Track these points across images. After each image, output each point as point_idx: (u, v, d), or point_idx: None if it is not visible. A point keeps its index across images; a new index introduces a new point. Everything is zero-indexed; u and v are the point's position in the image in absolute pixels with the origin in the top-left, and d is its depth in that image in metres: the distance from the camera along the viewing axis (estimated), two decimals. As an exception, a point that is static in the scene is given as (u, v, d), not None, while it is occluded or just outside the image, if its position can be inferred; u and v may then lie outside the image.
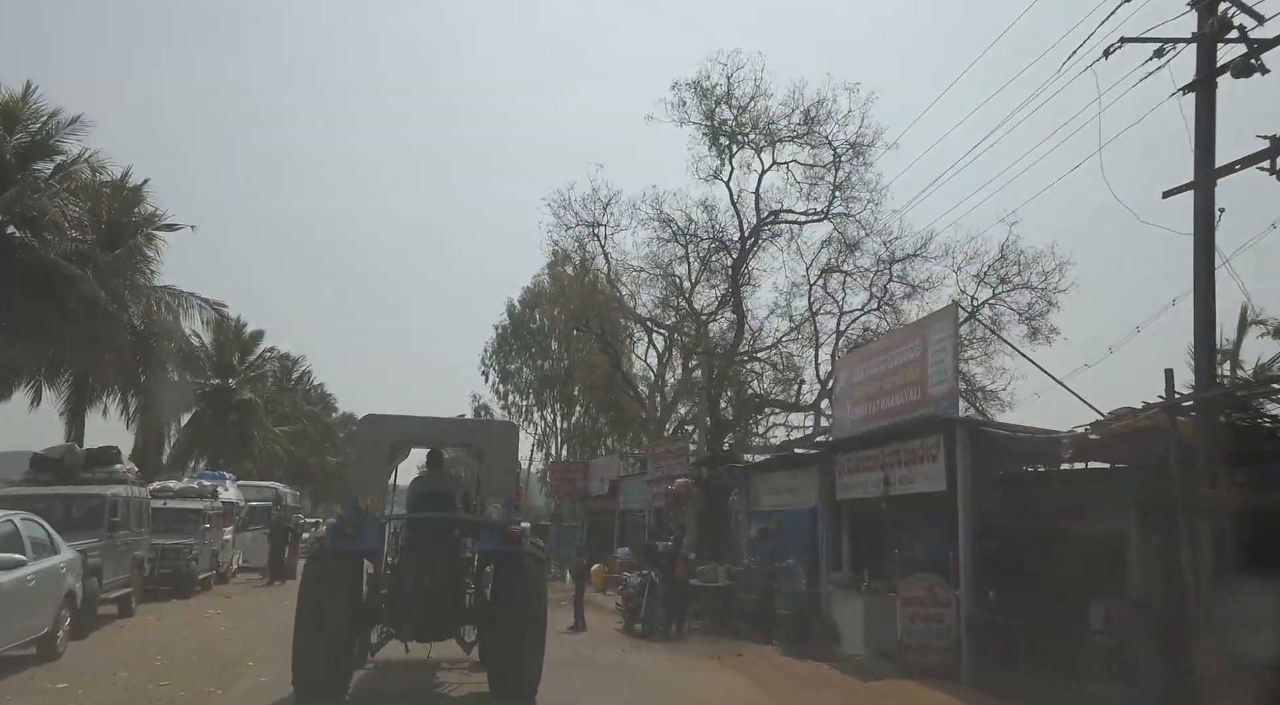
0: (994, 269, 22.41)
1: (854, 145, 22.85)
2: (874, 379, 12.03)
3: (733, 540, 17.78)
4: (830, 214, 24.14)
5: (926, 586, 9.93)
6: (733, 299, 25.64)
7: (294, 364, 54.56)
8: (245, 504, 24.47)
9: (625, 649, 12.66)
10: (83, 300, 20.34)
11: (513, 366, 48.80)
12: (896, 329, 12.73)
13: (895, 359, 11.41)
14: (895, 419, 10.97)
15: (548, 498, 49.81)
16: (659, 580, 14.41)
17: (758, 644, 12.76)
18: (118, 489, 13.99)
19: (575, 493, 29.19)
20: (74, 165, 21.10)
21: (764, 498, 15.40)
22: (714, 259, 26.42)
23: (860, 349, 13.70)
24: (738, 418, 25.51)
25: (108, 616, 13.96)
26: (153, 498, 19.51)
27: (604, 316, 28.25)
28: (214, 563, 20.54)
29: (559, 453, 48.21)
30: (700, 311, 26.45)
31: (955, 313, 9.93)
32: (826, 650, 11.83)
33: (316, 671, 7.70)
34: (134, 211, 27.36)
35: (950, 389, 10.01)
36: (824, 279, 25.35)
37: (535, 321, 48.38)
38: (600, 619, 16.88)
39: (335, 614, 7.73)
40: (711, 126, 23.42)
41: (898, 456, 10.87)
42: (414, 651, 9.46)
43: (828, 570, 12.75)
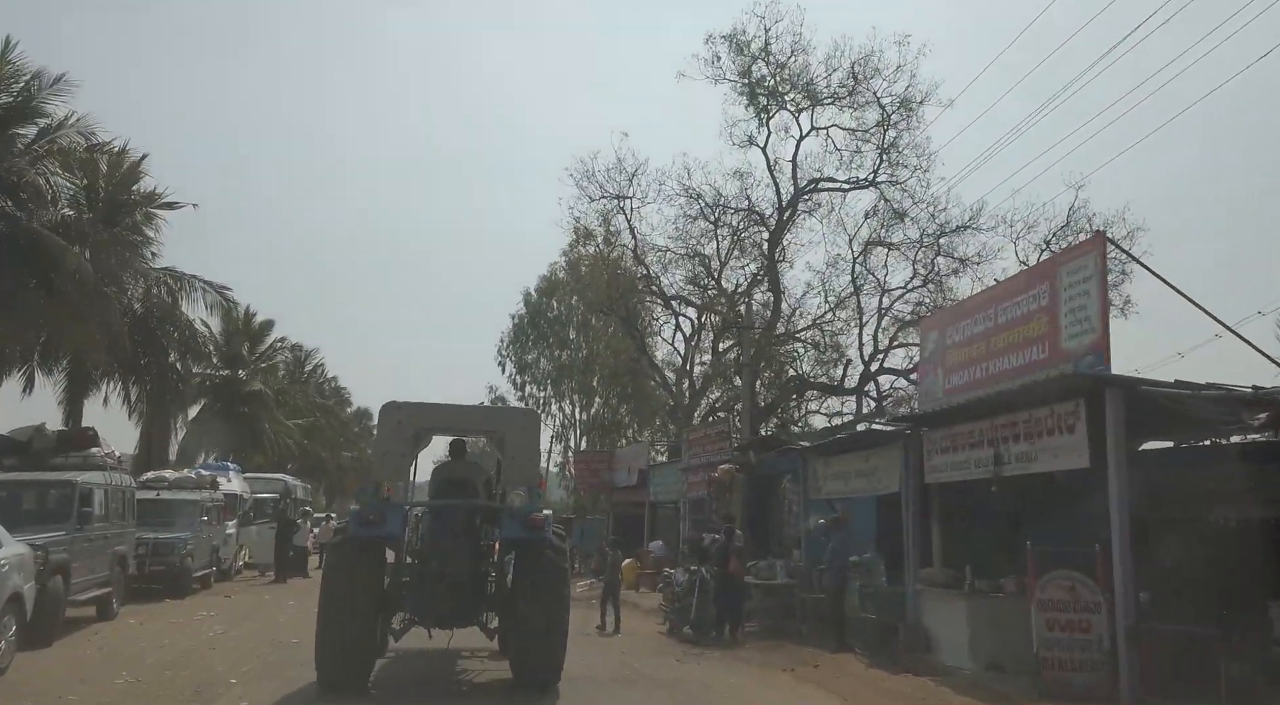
0: (1060, 236, 20.29)
1: (904, 102, 20.77)
2: (977, 339, 10.00)
3: (784, 532, 15.79)
4: (876, 181, 22.07)
5: (1067, 586, 7.90)
6: (768, 275, 23.61)
7: (306, 356, 52.83)
8: (250, 496, 22.58)
9: (679, 658, 10.67)
10: (68, 275, 18.50)
11: (530, 357, 47.09)
12: (1009, 277, 10.62)
13: (1010, 312, 9.38)
14: (1012, 383, 8.93)
15: (568, 491, 48.09)
16: (710, 577, 12.42)
17: (830, 652, 10.76)
18: (92, 476, 12.11)
19: (600, 484, 27.18)
20: (59, 130, 19.24)
21: (826, 484, 13.37)
22: (747, 234, 24.44)
23: (956, 306, 11.70)
24: (777, 401, 23.46)
25: (83, 620, 12.12)
26: (145, 488, 17.76)
27: (629, 297, 26.26)
28: (214, 559, 18.70)
29: (578, 445, 46.49)
30: (732, 291, 24.42)
31: (1103, 243, 7.92)
32: (917, 661, 9.82)
33: (340, 659, 7.59)
34: (133, 189, 25.72)
35: (1097, 340, 7.95)
36: (865, 255, 23.32)
37: (553, 310, 46.69)
38: (638, 620, 14.92)
39: (358, 601, 7.66)
40: (748, 84, 21.38)
41: (1014, 429, 8.83)
42: (436, 640, 9.19)
43: (914, 566, 10.73)
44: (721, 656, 10.93)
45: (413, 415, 8.80)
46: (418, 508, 9.18)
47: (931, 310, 21.51)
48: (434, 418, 9.20)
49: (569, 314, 46.46)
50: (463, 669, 9.63)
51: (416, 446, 9.39)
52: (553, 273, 46.75)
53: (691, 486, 19.29)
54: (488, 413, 12.86)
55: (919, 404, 11.92)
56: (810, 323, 23.34)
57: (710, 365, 25.07)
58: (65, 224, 19.36)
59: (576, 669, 9.43)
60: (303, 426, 46.70)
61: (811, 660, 10.36)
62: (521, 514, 8.21)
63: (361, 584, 7.77)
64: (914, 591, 10.61)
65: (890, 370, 23.09)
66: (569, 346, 46.18)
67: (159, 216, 26.33)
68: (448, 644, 9.49)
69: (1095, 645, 7.71)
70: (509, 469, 8.88)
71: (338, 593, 7.69)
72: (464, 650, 10.03)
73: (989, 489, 9.54)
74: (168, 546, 15.90)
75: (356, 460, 58.49)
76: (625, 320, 27.65)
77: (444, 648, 9.64)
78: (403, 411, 8.73)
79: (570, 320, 46.60)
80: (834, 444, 12.94)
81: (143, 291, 25.93)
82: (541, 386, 46.97)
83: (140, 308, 25.92)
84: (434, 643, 9.34)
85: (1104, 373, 7.72)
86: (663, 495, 22.13)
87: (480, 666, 9.58)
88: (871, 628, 10.77)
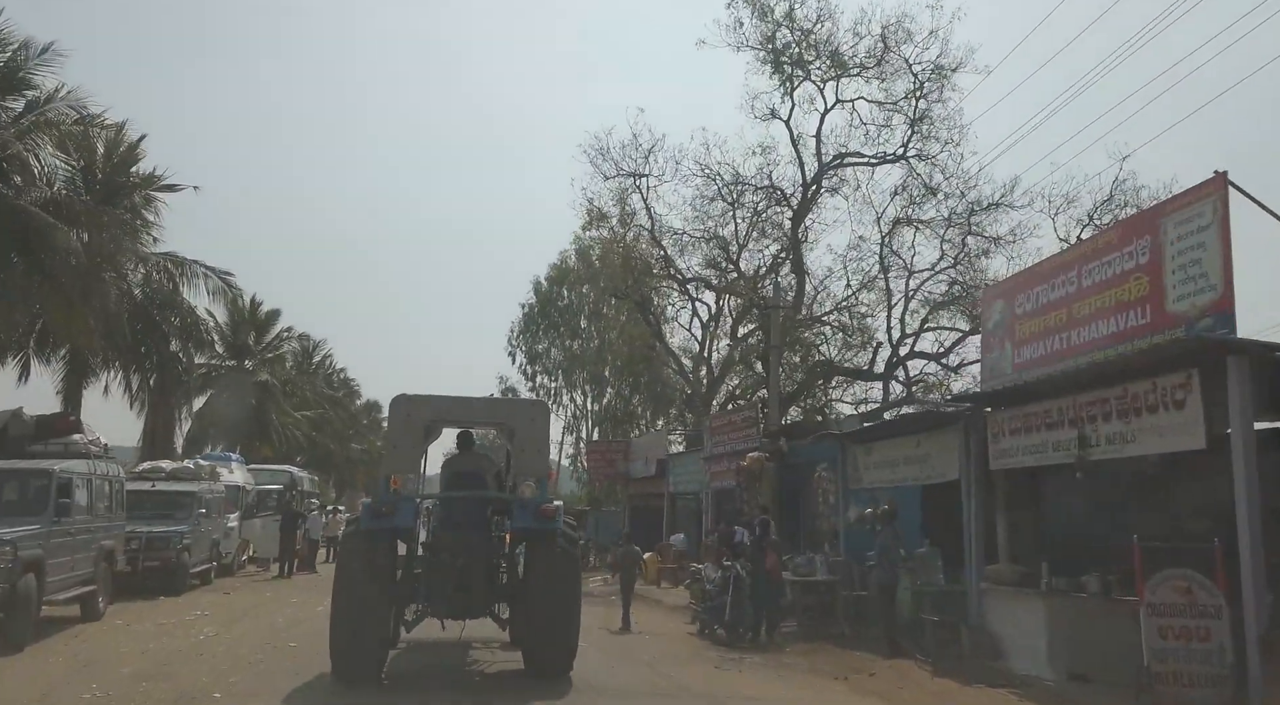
0: (1103, 210, 19.02)
1: (938, 69, 19.50)
2: (1055, 305, 8.82)
3: (817, 525, 14.65)
4: (906, 155, 20.81)
5: (1183, 588, 6.72)
6: (791, 255, 22.40)
7: (315, 347, 51.86)
8: (254, 488, 21.54)
9: (716, 664, 9.54)
10: (58, 256, 17.44)
11: (540, 347, 46.03)
12: (1097, 233, 9.40)
13: (1098, 273, 8.19)
14: (1108, 352, 7.74)
15: (580, 483, 47.07)
16: (745, 574, 11.29)
17: (884, 657, 9.63)
18: (73, 464, 11.03)
19: (615, 475, 26.07)
20: (49, 103, 18.15)
21: (869, 472, 12.22)
22: (768, 214, 23.21)
23: (1026, 271, 10.51)
24: (802, 387, 22.27)
25: (65, 620, 11.09)
26: (141, 479, 16.77)
27: (644, 281, 25.08)
28: (214, 553, 17.67)
29: (590, 436, 45.46)
30: (754, 273, 23.20)
31: (1225, 186, 6.70)
32: (985, 669, 8.69)
33: (354, 651, 7.55)
34: (131, 171, 24.67)
35: (1218, 299, 6.74)
36: (892, 234, 22.08)
37: (564, 299, 45.61)
38: (664, 619, 13.81)
39: (371, 593, 7.66)
40: (772, 51, 20.14)
41: (1105, 406, 7.67)
42: (447, 631, 9.06)
43: (977, 562, 9.58)
44: (762, 662, 9.80)
45: (422, 408, 8.75)
46: (429, 500, 9.12)
47: (965, 290, 20.29)
48: (443, 410, 9.11)
49: (580, 303, 45.41)
50: (474, 660, 9.51)
51: (427, 439, 9.30)
52: (563, 260, 45.69)
53: (715, 476, 18.16)
54: (497, 405, 12.32)
55: (981, 381, 10.73)
56: (836, 304, 22.12)
57: (733, 348, 23.84)
58: (56, 202, 18.32)
59: (604, 678, 8.39)
60: (311, 418, 45.72)
61: (864, 667, 9.22)
62: (533, 505, 8.13)
63: (374, 576, 7.74)
64: (978, 590, 9.47)
65: (921, 354, 21.88)
66: (580, 336, 45.16)
67: (159, 200, 25.24)
68: (460, 635, 9.31)
69: (1216, 656, 6.55)
70: (519, 461, 8.88)
71: (351, 585, 7.65)
72: (475, 641, 9.90)
73: (1066, 475, 8.40)
74: (162, 541, 14.85)
75: (366, 453, 57.54)
76: (640, 305, 26.51)
77: (455, 639, 9.46)
78: (412, 404, 8.68)
79: (581, 309, 45.55)
80: (879, 429, 11.79)
81: (142, 277, 25.01)
82: (552, 377, 45.96)
83: (140, 293, 25.01)
84: (445, 634, 9.17)
85: (1229, 338, 6.53)
86: (683, 486, 21.02)
87: (491, 657, 9.48)
88: (928, 630, 9.63)
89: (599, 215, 26.05)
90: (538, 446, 8.94)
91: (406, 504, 8.19)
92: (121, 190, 24.13)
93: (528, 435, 8.86)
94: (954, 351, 21.22)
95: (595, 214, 26.12)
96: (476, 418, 9.96)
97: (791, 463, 15.15)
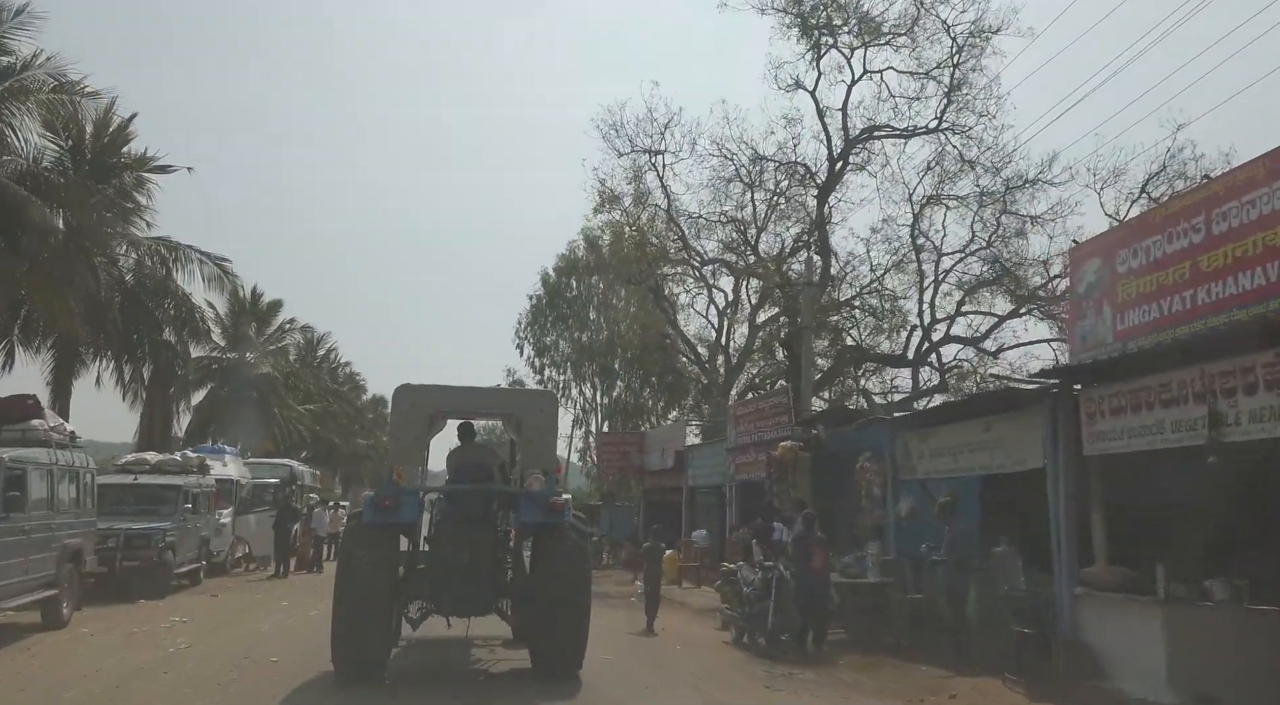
0: (1156, 181, 17.54)
1: (977, 30, 18.04)
2: (1174, 259, 7.39)
3: (857, 520, 13.22)
4: (941, 126, 19.36)
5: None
6: (815, 236, 20.96)
7: (319, 340, 50.57)
8: (249, 482, 20.17)
9: (766, 683, 8.11)
10: (35, 232, 16.12)
11: (549, 339, 44.71)
12: (1227, 171, 7.93)
13: (1234, 216, 6.77)
14: (1252, 309, 6.31)
15: (590, 478, 45.78)
16: (790, 576, 9.88)
17: (954, 672, 8.23)
18: (28, 453, 9.67)
19: (629, 468, 24.65)
20: (25, 70, 16.81)
21: (923, 462, 10.81)
22: (789, 193, 21.79)
23: (1131, 222, 9.08)
24: (831, 374, 20.85)
25: (23, 629, 9.80)
26: (123, 472, 15.47)
27: (659, 265, 23.67)
28: (203, 552, 16.34)
29: (599, 429, 44.19)
30: (779, 253, 21.78)
31: None
32: (1088, 690, 7.30)
33: (356, 649, 7.28)
34: (122, 151, 23.36)
35: None
36: (922, 214, 20.64)
37: (572, 290, 44.28)
38: (692, 624, 12.42)
39: (374, 589, 7.38)
40: (799, 14, 18.70)
41: (1248, 377, 6.23)
42: (446, 628, 8.62)
43: (1069, 564, 8.15)
44: (816, 679, 8.38)
45: (426, 398, 8.43)
46: (432, 493, 8.83)
47: (1006, 270, 18.86)
48: (449, 400, 8.81)
49: (589, 294, 44.12)
50: (478, 658, 9.14)
51: (431, 430, 9.04)
52: (572, 251, 44.37)
53: (741, 468, 16.76)
54: (504, 395, 11.81)
55: (1072, 354, 9.28)
56: (865, 286, 20.66)
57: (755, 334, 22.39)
58: (34, 176, 16.99)
59: (644, 701, 7.00)
60: (315, 412, 44.48)
61: (939, 686, 7.81)
62: (541, 498, 7.83)
63: (377, 572, 7.44)
64: (1070, 596, 8.05)
65: (956, 339, 20.43)
66: (589, 327, 43.87)
67: (151, 182, 24.00)
68: (466, 632, 9.00)
69: None
70: (526, 453, 8.51)
71: (353, 581, 7.36)
72: (477, 639, 9.55)
73: (1171, 462, 6.99)
74: (142, 539, 13.52)
75: (372, 448, 56.22)
76: (654, 292, 25.12)
77: (457, 637, 9.14)
78: (416, 394, 8.35)
79: (590, 300, 44.26)
80: (938, 412, 10.35)
81: (134, 262, 23.70)
82: (561, 370, 44.64)
83: (132, 279, 23.70)
84: (444, 631, 8.76)
85: None
86: (704, 479, 19.61)
87: (494, 656, 9.13)
88: (1007, 641, 8.22)
89: (611, 197, 24.64)
90: (546, 438, 8.60)
91: (410, 497, 7.89)
92: (111, 171, 22.93)
93: (535, 426, 8.53)
94: (992, 336, 19.79)
95: (607, 195, 24.72)
96: (483, 408, 9.58)
97: (829, 452, 13.72)
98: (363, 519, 7.82)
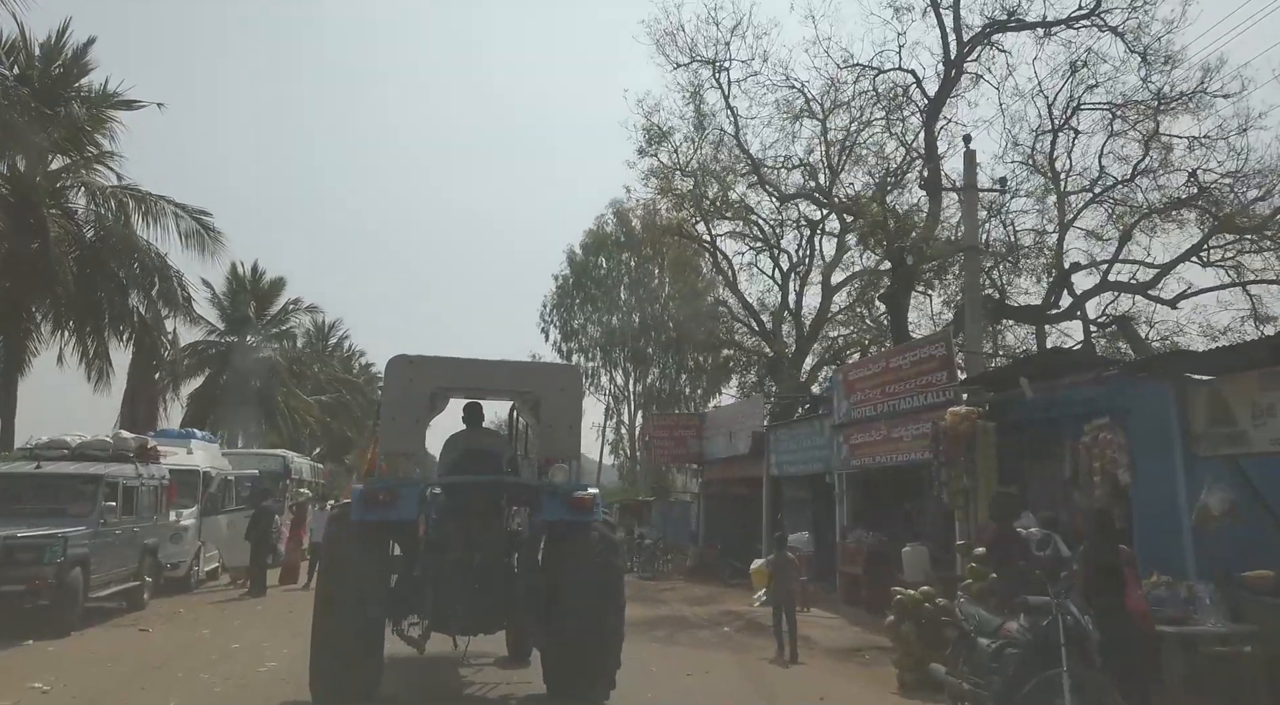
0: None
1: None
2: None
3: (1068, 519, 8.66)
4: (1095, 9, 14.77)
5: None
6: (924, 161, 16.40)
7: (330, 328, 46.48)
8: (220, 475, 15.68)
9: None
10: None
11: (576, 323, 40.53)
12: None
13: None
14: None
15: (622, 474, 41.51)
16: (1084, 620, 5.35)
17: None
18: None
19: (685, 456, 20.11)
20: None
21: (1262, 428, 6.26)
22: (888, 116, 17.23)
23: None
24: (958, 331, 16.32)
25: None
26: (30, 458, 11.20)
27: (723, 212, 19.17)
28: (146, 566, 11.98)
29: (633, 419, 39.92)
30: (878, 190, 17.20)
31: None
32: None
33: (340, 675, 6.00)
34: (77, 85, 19.21)
35: None
36: (1056, 135, 16.06)
37: (601, 268, 40.05)
38: (839, 671, 7.93)
39: (364, 603, 6.02)
40: None
41: None
42: (454, 648, 7.29)
43: None
44: None
45: (426, 372, 7.00)
46: (436, 486, 6.99)
47: (1204, 189, 14.24)
48: (452, 375, 7.26)
49: (619, 272, 39.88)
50: (475, 681, 7.46)
51: (432, 411, 7.41)
52: (600, 226, 40.22)
53: (858, 450, 12.22)
54: (518, 369, 8.40)
55: None
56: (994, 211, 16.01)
57: (841, 287, 17.82)
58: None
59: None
60: (326, 403, 40.33)
61: None
62: (563, 492, 6.50)
63: (367, 581, 6.07)
64: None
65: (1115, 285, 15.79)
66: (620, 309, 39.66)
67: (114, 120, 19.80)
68: (465, 650, 7.43)
69: None
70: (545, 438, 7.15)
71: (337, 592, 6.00)
72: (469, 658, 7.87)
73: None
74: (30, 551, 9.17)
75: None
76: (710, 249, 20.68)
77: (443, 654, 7.48)
78: (414, 367, 6.96)
79: (621, 279, 40.01)
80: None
81: (94, 215, 19.47)
82: (589, 356, 40.47)
83: (92, 234, 19.48)
84: (435, 648, 6.98)
85: None
86: (794, 466, 15.06)
87: (500, 677, 7.53)
88: None
89: (659, 134, 20.16)
90: (569, 421, 7.19)
91: (408, 491, 6.41)
92: (64, 104, 18.80)
93: (556, 407, 7.17)
94: (1166, 278, 15.16)
95: (654, 133, 20.24)
96: (493, 385, 7.87)
97: (1028, 419, 9.18)
98: (350, 516, 6.34)
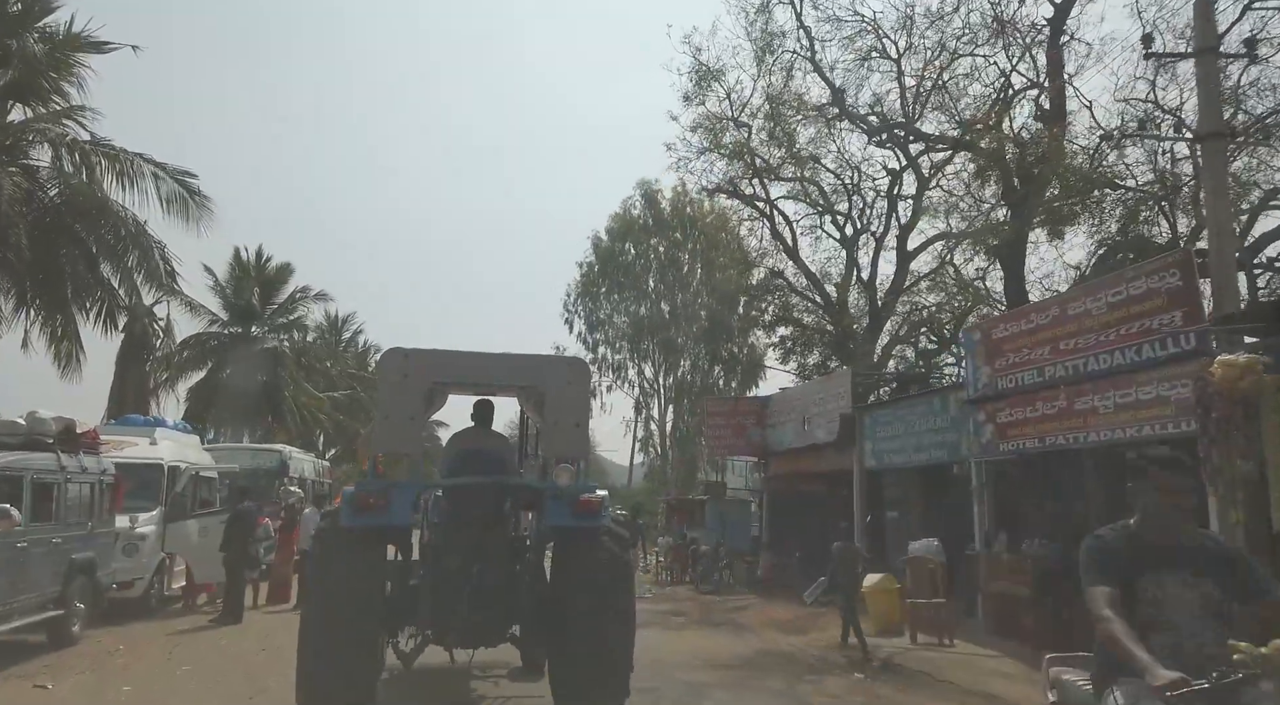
0: None
1: None
2: None
3: None
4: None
5: None
6: (1049, 83, 13.18)
7: (343, 322, 43.68)
8: (189, 471, 12.45)
9: None
10: None
11: (602, 313, 37.53)
12: None
13: None
14: None
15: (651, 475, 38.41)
16: None
17: None
18: None
19: (747, 447, 16.90)
20: None
21: None
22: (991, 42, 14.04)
23: None
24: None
25: None
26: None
27: (797, 162, 16.01)
28: (76, 588, 8.91)
29: (662, 414, 36.80)
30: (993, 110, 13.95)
31: None
32: None
33: (330, 694, 5.39)
34: (38, 25, 16.39)
35: None
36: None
37: (628, 254, 37.06)
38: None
39: (356, 615, 5.45)
40: None
41: None
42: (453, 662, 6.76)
43: None
44: None
45: (423, 365, 6.16)
46: (434, 488, 6.67)
47: None
48: (451, 369, 6.38)
49: (647, 258, 36.90)
50: (484, 696, 6.91)
51: (430, 407, 6.79)
52: (626, 210, 37.27)
53: (1009, 432, 9.01)
54: (522, 362, 6.58)
55: None
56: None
57: (923, 248, 14.60)
58: None
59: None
60: (339, 400, 37.49)
61: None
62: (570, 495, 5.92)
63: (359, 591, 5.51)
64: None
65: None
66: (649, 298, 36.66)
67: (82, 65, 16.91)
68: (470, 661, 6.88)
69: None
70: (550, 436, 6.31)
71: (326, 604, 5.49)
72: (475, 668, 7.23)
73: None
74: None
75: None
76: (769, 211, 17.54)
77: (447, 665, 6.90)
78: (410, 360, 6.13)
79: (649, 266, 37.00)
80: None
81: (59, 172, 16.57)
82: (616, 348, 37.45)
83: (59, 195, 16.59)
84: (438, 658, 6.58)
85: None
86: (898, 456, 11.85)
87: (501, 690, 7.00)
88: None
89: (708, 75, 17.01)
90: (576, 418, 6.17)
91: (403, 494, 5.83)
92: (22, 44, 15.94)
93: (563, 402, 6.18)
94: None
95: (702, 75, 17.09)
96: (494, 379, 6.73)
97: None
98: (340, 521, 5.72)
